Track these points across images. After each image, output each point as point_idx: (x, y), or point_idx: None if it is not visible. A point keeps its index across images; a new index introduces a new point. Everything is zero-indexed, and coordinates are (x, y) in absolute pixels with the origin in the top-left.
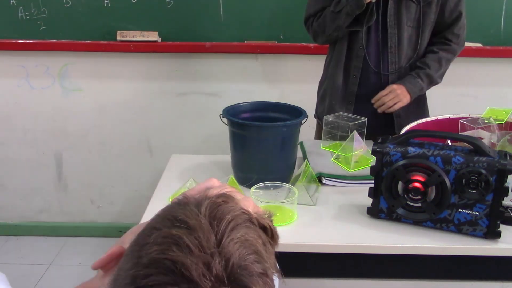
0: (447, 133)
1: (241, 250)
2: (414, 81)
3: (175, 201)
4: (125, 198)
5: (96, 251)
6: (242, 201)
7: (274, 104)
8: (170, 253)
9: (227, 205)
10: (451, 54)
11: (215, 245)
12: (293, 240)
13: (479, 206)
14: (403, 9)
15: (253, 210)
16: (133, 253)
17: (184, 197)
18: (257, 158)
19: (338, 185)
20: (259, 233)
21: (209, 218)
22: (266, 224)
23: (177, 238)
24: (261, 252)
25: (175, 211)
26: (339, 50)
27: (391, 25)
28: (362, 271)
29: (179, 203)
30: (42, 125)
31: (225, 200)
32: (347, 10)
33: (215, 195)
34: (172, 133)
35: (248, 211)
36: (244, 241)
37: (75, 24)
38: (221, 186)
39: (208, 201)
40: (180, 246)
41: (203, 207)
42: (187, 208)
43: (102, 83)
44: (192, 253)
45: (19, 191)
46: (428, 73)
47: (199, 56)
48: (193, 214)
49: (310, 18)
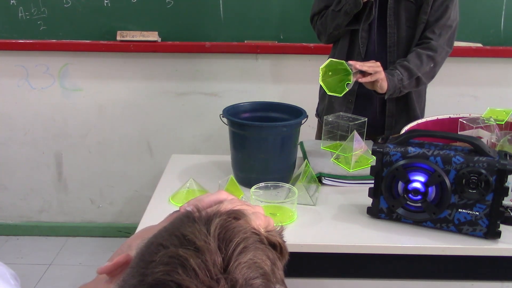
0: (447, 133)
1: (248, 274)
2: (392, 72)
3: (184, 214)
4: (125, 198)
5: (96, 251)
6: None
7: (274, 104)
8: (175, 276)
9: (238, 225)
10: (430, 50)
11: (221, 269)
12: (293, 240)
13: (479, 206)
14: (402, 9)
15: (264, 225)
16: (139, 270)
17: (194, 210)
18: (257, 158)
19: (338, 185)
20: (268, 253)
21: (218, 239)
22: (276, 241)
23: (184, 259)
24: (268, 274)
25: (184, 228)
26: (340, 49)
27: (390, 24)
28: (362, 271)
29: (188, 218)
30: (42, 125)
31: (236, 217)
32: (345, 9)
33: (226, 212)
34: (172, 133)
35: (259, 230)
36: (252, 264)
37: (75, 24)
38: (231, 201)
39: (218, 219)
40: (186, 269)
41: (212, 227)
42: (196, 227)
43: (102, 83)
44: (197, 277)
45: (19, 191)
46: (406, 65)
47: (199, 56)
48: (201, 235)
49: (315, 17)
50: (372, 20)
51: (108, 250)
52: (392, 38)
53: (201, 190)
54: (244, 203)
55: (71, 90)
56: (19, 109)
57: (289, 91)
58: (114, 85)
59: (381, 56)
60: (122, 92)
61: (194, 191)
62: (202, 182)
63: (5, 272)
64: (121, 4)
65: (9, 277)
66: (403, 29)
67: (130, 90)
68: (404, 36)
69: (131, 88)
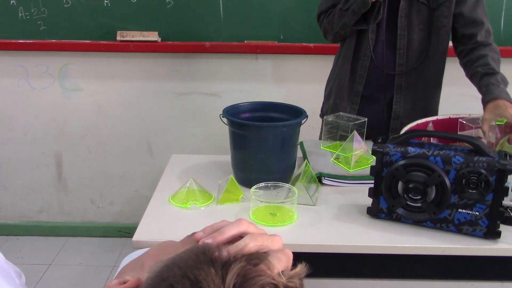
0: (447, 133)
1: None
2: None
3: (201, 249)
4: (125, 198)
5: (96, 251)
6: (274, 259)
7: (274, 104)
8: None
9: (257, 274)
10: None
11: None
12: (293, 240)
13: (479, 206)
14: (414, 11)
15: (285, 265)
16: None
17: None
18: (257, 158)
19: (338, 185)
20: None
21: None
22: (293, 286)
23: None
24: None
25: (199, 270)
26: (347, 48)
27: (401, 26)
28: (362, 271)
29: (205, 256)
30: (42, 125)
31: (256, 263)
32: (353, 8)
33: (246, 256)
34: (172, 133)
35: (278, 279)
36: None
37: (75, 24)
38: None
39: (237, 266)
40: None
41: (230, 275)
42: (212, 272)
43: (102, 83)
44: None
45: (19, 191)
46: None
47: (199, 56)
48: (215, 284)
49: (322, 15)
50: (380, 20)
51: (108, 250)
52: (402, 40)
53: (201, 190)
54: (264, 236)
55: (71, 90)
56: (19, 109)
57: (289, 91)
58: (114, 85)
59: (388, 57)
60: (122, 92)
61: (194, 191)
62: (202, 182)
63: (9, 270)
64: (121, 4)
65: (13, 275)
66: (415, 32)
67: (130, 90)
68: (415, 39)
69: (131, 88)
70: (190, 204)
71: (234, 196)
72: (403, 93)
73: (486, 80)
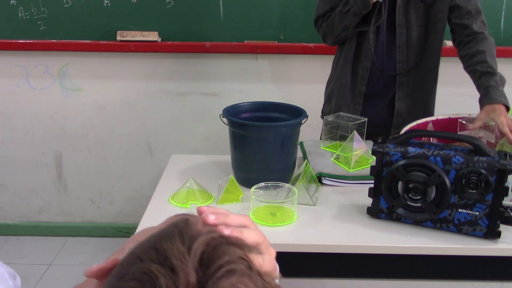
0: (447, 133)
1: None
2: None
3: (174, 222)
4: (125, 198)
5: (96, 251)
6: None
7: (274, 104)
8: None
9: (228, 247)
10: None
11: None
12: (293, 240)
13: (479, 206)
14: (411, 9)
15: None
16: (113, 281)
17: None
18: (257, 158)
19: (338, 185)
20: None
21: (200, 259)
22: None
23: (154, 278)
24: None
25: (166, 241)
26: (347, 50)
27: (399, 24)
28: (362, 271)
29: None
30: (42, 125)
31: (232, 242)
32: (354, 10)
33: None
34: (172, 133)
35: (249, 258)
36: None
37: (75, 24)
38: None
39: (208, 237)
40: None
41: (196, 243)
42: (178, 241)
43: (102, 83)
44: None
45: (19, 191)
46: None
47: (199, 56)
48: (180, 252)
49: (320, 19)
50: None
51: (108, 250)
52: (401, 38)
53: (201, 190)
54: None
55: (71, 90)
56: (19, 109)
57: (289, 91)
58: (114, 85)
59: (389, 56)
60: (122, 92)
61: (194, 191)
62: (202, 182)
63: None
64: (121, 4)
65: (7, 277)
66: (414, 29)
67: (130, 90)
68: (414, 35)
69: (131, 88)
70: (190, 204)
71: (234, 196)
72: (404, 90)
73: (485, 80)
